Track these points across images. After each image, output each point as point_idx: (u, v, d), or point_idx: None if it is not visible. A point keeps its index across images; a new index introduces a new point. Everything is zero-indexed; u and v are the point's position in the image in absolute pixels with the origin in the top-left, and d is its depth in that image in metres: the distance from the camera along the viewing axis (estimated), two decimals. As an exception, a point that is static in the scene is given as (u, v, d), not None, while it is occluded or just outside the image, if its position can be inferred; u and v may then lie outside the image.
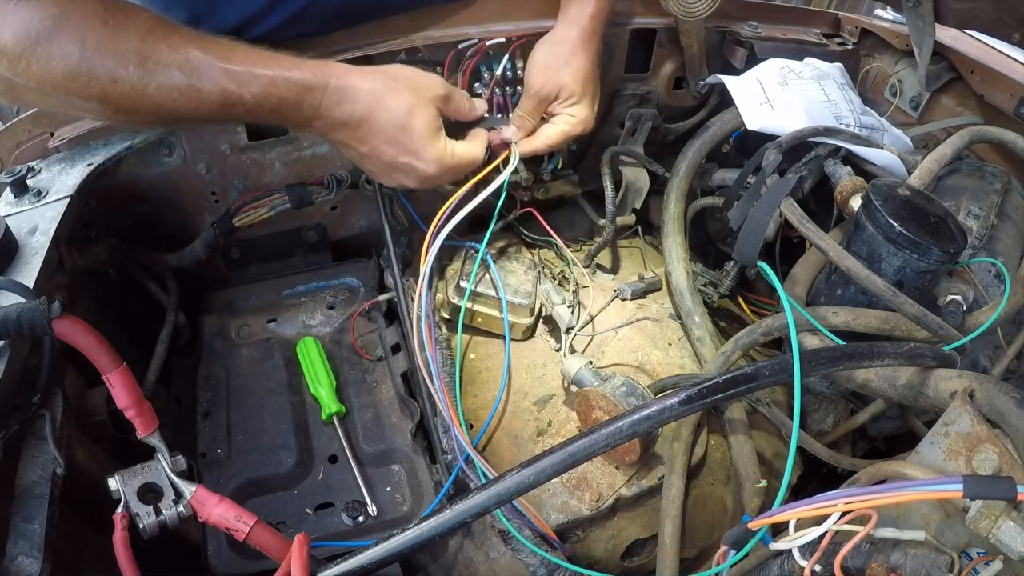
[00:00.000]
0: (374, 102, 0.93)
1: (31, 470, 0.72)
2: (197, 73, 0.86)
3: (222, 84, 0.87)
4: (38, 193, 0.96)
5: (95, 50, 0.82)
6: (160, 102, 0.86)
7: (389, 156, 0.96)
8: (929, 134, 1.30)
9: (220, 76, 0.87)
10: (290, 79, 0.89)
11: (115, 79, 0.83)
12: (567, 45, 1.07)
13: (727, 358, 1.03)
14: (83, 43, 0.81)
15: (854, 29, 1.41)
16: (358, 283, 1.28)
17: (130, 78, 0.84)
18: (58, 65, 0.81)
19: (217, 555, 0.90)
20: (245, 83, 0.88)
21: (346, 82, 0.92)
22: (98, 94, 0.84)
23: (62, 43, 0.80)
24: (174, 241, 1.22)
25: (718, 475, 1.03)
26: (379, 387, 1.13)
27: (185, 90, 0.86)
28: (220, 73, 0.87)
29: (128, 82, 0.84)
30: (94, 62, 0.82)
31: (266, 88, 0.89)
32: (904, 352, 0.78)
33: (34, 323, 0.73)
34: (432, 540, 0.72)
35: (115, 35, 0.83)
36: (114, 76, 0.83)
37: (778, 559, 0.79)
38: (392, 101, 0.93)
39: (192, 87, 0.86)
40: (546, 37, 1.09)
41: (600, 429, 0.69)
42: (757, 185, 1.07)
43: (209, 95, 0.87)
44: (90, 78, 0.82)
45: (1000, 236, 1.04)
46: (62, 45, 0.80)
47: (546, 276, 1.17)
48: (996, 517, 0.60)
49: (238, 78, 0.88)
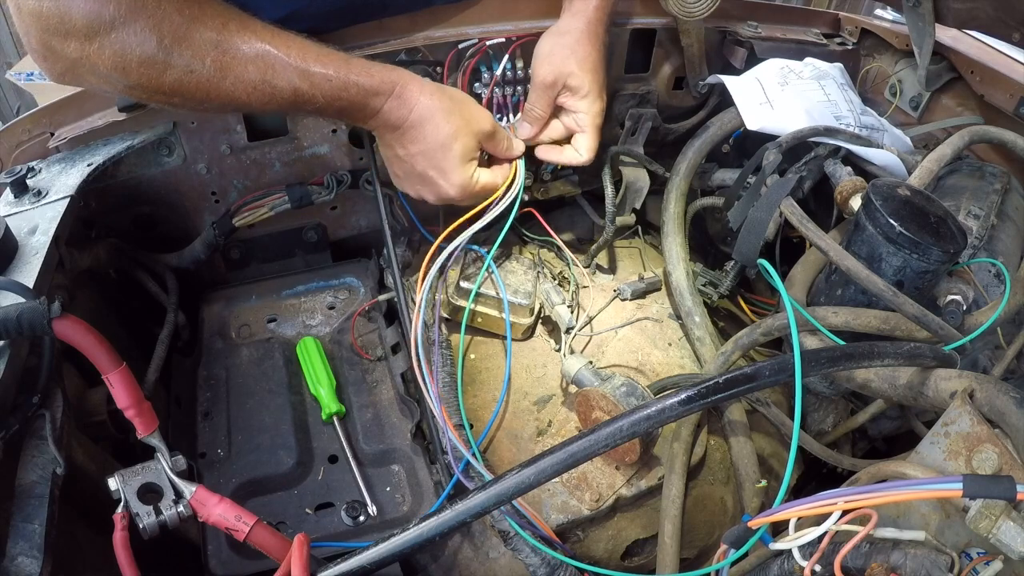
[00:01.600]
0: (428, 115, 0.96)
1: (31, 470, 0.72)
2: (272, 71, 0.87)
3: (296, 83, 0.89)
4: (38, 193, 0.96)
5: (173, 39, 0.81)
6: (234, 95, 0.87)
7: (421, 167, 1.00)
8: (929, 134, 1.30)
9: (294, 76, 0.88)
10: (360, 85, 0.92)
11: (192, 70, 0.83)
12: (573, 35, 1.07)
13: (727, 358, 1.03)
14: (160, 31, 0.80)
15: (854, 29, 1.41)
16: (358, 283, 1.28)
17: (206, 71, 0.84)
18: (134, 52, 0.80)
19: (217, 555, 0.90)
20: (318, 84, 0.90)
21: (408, 88, 0.95)
22: (172, 83, 0.83)
23: (138, 30, 0.79)
24: (174, 241, 1.22)
25: (718, 475, 1.03)
26: (379, 387, 1.13)
27: (260, 86, 0.87)
28: (295, 73, 0.88)
29: (204, 74, 0.84)
30: (172, 52, 0.81)
31: (338, 91, 0.91)
32: (904, 352, 0.78)
33: (34, 323, 0.73)
34: (432, 540, 0.72)
35: (192, 25, 0.82)
36: (191, 67, 0.83)
37: (778, 559, 0.79)
38: (443, 120, 0.97)
39: (267, 83, 0.87)
40: (551, 29, 1.10)
41: (600, 429, 0.69)
42: (757, 185, 1.07)
43: (282, 92, 0.89)
44: (166, 67, 0.82)
45: (1000, 236, 1.04)
46: (138, 32, 0.79)
47: (546, 276, 1.17)
48: (996, 517, 0.59)
49: (311, 79, 0.89)
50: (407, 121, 0.96)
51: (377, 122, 0.98)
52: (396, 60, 1.14)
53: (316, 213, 1.29)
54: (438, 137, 0.97)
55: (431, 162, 0.99)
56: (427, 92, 0.96)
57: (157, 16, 0.80)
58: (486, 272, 1.10)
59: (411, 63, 1.14)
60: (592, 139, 1.11)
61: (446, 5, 1.15)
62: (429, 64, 1.15)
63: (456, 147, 0.98)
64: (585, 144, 1.11)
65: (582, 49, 1.06)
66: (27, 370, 0.78)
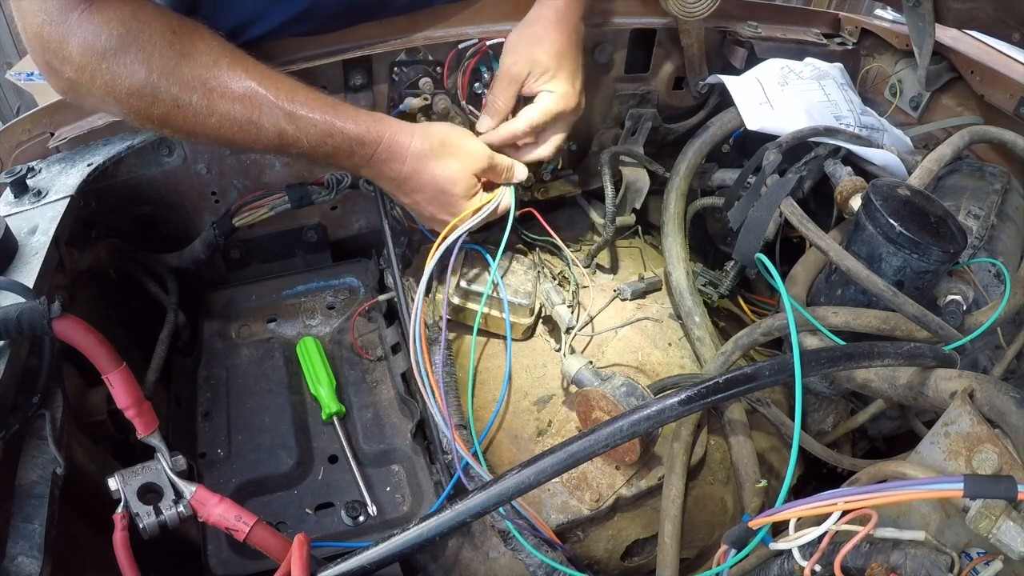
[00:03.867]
0: (420, 165, 0.97)
1: (31, 470, 0.72)
2: (259, 110, 0.88)
3: (281, 126, 0.90)
4: (38, 193, 0.96)
5: (161, 74, 0.83)
6: (220, 132, 0.88)
7: (429, 212, 1.03)
8: (929, 134, 1.30)
9: (280, 117, 0.89)
10: (345, 132, 0.93)
11: (179, 105, 0.85)
12: (540, 24, 1.05)
13: (727, 358, 1.03)
14: (149, 65, 0.82)
15: (854, 29, 1.41)
16: (358, 283, 1.28)
17: (193, 106, 0.85)
18: (123, 83, 0.82)
19: (217, 555, 0.90)
20: (303, 128, 0.91)
21: (396, 140, 0.96)
22: (160, 116, 0.86)
23: (128, 62, 0.82)
24: (174, 241, 1.22)
25: (718, 475, 1.03)
26: (379, 387, 1.13)
27: (245, 125, 0.88)
28: (281, 115, 0.89)
29: (191, 110, 0.86)
30: (159, 86, 0.83)
31: (322, 137, 0.92)
32: (904, 352, 0.78)
33: (34, 323, 0.73)
34: (432, 540, 0.72)
35: (182, 61, 0.84)
36: (178, 102, 0.85)
37: (778, 559, 0.79)
38: (436, 167, 0.98)
39: (252, 123, 0.88)
40: (521, 21, 1.08)
41: (600, 429, 0.69)
42: (757, 185, 1.07)
43: (268, 133, 0.90)
44: (154, 100, 0.84)
45: (1000, 236, 1.04)
46: (128, 64, 0.82)
47: (546, 276, 1.17)
48: (996, 517, 0.59)
49: (297, 122, 0.90)
50: (402, 174, 0.98)
51: (371, 172, 0.99)
52: (396, 60, 1.14)
53: (316, 213, 1.29)
54: (436, 184, 0.99)
55: (436, 207, 1.02)
56: (417, 139, 0.97)
57: (148, 49, 0.82)
58: (486, 272, 1.10)
59: (411, 63, 1.14)
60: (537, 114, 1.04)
61: (446, 5, 1.15)
62: (429, 64, 1.15)
63: (457, 190, 1.00)
64: (525, 113, 1.05)
65: (549, 37, 1.04)
66: (27, 370, 0.78)
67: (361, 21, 1.10)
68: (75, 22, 0.80)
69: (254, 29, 1.03)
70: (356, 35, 1.10)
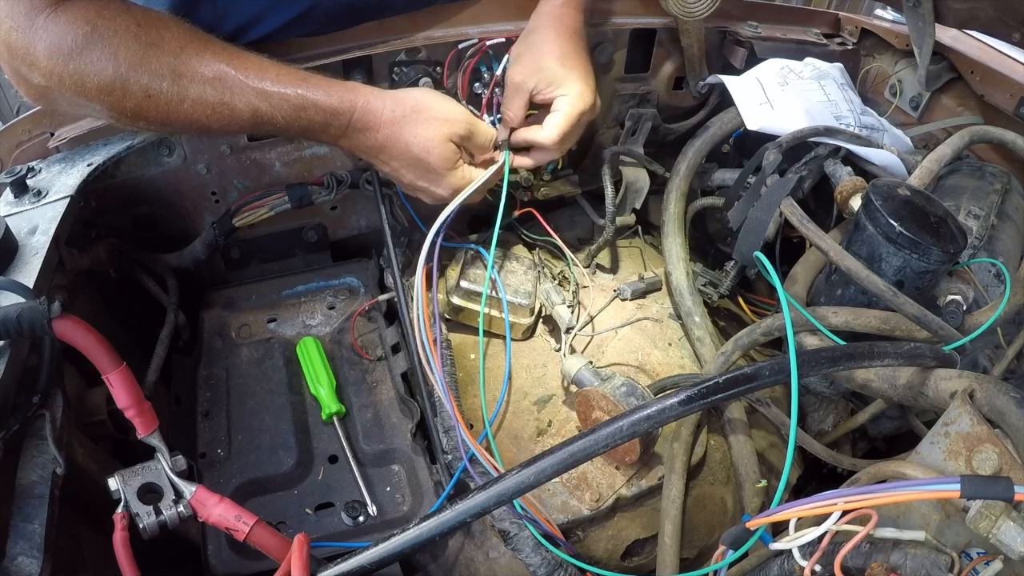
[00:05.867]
0: (393, 132, 0.96)
1: (31, 470, 0.72)
2: (230, 92, 0.88)
3: (254, 104, 0.89)
4: (38, 193, 0.96)
5: (129, 66, 0.83)
6: (194, 117, 0.88)
7: (408, 179, 1.02)
8: (929, 134, 1.30)
9: (252, 96, 0.89)
10: (318, 104, 0.92)
11: (150, 94, 0.85)
12: (540, 33, 1.06)
13: (727, 358, 1.03)
14: (116, 59, 0.82)
15: (854, 29, 1.41)
16: (358, 283, 1.28)
17: (164, 94, 0.85)
18: (92, 81, 0.82)
19: (217, 555, 0.90)
20: (276, 105, 0.90)
21: (370, 108, 0.95)
22: (132, 108, 0.86)
23: (94, 59, 0.81)
24: (174, 241, 1.22)
25: (718, 475, 1.03)
26: (379, 387, 1.13)
27: (218, 107, 0.88)
28: (252, 93, 0.89)
29: (162, 98, 0.85)
30: (128, 78, 0.83)
31: (296, 111, 0.92)
32: (904, 352, 0.78)
33: (34, 323, 0.73)
34: (432, 540, 0.72)
35: (149, 51, 0.84)
36: (148, 92, 0.85)
37: (778, 559, 0.79)
38: (409, 133, 0.97)
39: (225, 104, 0.88)
40: (522, 33, 1.09)
41: (600, 429, 0.69)
42: (757, 185, 1.07)
43: (241, 114, 0.89)
44: (124, 93, 0.84)
45: (1000, 236, 1.04)
46: (95, 62, 0.82)
47: (546, 276, 1.17)
48: (996, 517, 0.59)
49: (270, 99, 0.90)
50: (377, 142, 0.97)
51: (349, 143, 0.98)
52: (396, 60, 1.14)
53: (316, 213, 1.29)
54: (409, 151, 0.98)
55: (415, 173, 1.01)
56: (389, 105, 0.96)
57: (114, 44, 0.82)
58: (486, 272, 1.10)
59: (411, 63, 1.14)
60: (562, 119, 1.03)
61: (446, 5, 1.15)
62: (429, 64, 1.15)
63: (431, 158, 0.98)
64: (552, 122, 1.04)
65: (549, 44, 1.05)
66: (27, 370, 0.78)
67: (361, 22, 1.10)
68: (41, 26, 0.80)
69: (254, 31, 1.03)
70: (356, 35, 1.10)
